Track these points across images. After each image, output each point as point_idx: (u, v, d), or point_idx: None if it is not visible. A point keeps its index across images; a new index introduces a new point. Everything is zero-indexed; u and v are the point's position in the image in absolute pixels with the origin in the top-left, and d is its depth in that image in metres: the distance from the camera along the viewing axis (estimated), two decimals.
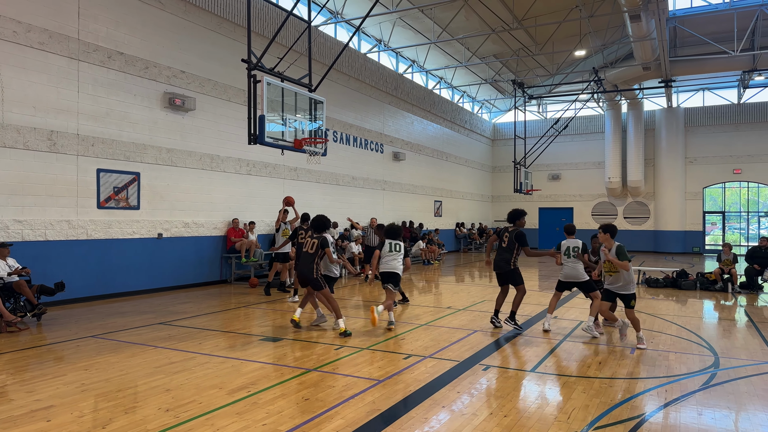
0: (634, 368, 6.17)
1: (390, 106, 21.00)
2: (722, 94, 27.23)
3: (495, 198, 31.72)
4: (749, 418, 4.69)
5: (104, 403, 4.85)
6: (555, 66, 24.97)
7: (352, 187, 18.64)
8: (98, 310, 9.68)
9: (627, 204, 28.37)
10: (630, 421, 4.55)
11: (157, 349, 6.84)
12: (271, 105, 8.81)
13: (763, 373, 6.03)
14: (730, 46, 19.85)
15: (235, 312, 9.68)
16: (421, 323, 8.69)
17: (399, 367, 6.10)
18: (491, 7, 18.79)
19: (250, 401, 4.91)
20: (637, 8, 15.63)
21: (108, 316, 9.03)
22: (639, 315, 9.59)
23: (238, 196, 13.97)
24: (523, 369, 6.15)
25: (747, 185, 26.63)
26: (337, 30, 18.95)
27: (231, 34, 13.65)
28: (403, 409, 4.77)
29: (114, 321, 8.66)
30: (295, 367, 6.01)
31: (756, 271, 12.89)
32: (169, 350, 6.76)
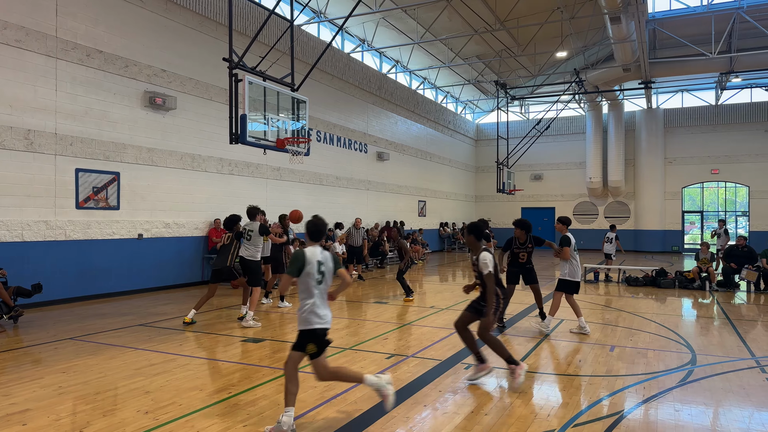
0: (613, 366, 6.25)
1: (374, 106, 21.01)
2: (700, 95, 27.71)
3: (478, 198, 31.90)
4: (725, 413, 4.78)
5: (82, 406, 4.78)
6: (537, 67, 25.19)
7: (336, 187, 18.60)
8: (77, 311, 9.53)
9: (608, 204, 28.72)
10: (609, 418, 4.61)
11: (137, 350, 6.76)
12: (253, 104, 8.76)
13: (738, 369, 6.14)
14: (708, 48, 20.20)
15: (217, 313, 9.60)
16: (404, 323, 8.70)
17: (382, 366, 6.10)
18: (474, 8, 18.88)
19: (231, 402, 4.88)
20: (617, 10, 15.84)
21: (87, 318, 8.90)
22: (620, 313, 9.73)
23: (220, 196, 13.86)
24: (504, 367, 6.18)
25: (724, 185, 27.13)
26: (320, 29, 18.90)
27: (213, 33, 13.54)
28: (385, 408, 4.77)
29: (93, 323, 8.53)
30: (276, 368, 5.98)
31: (733, 269, 13.14)
32: (149, 352, 6.68)
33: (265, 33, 14.22)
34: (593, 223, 29.01)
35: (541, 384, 5.59)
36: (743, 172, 26.10)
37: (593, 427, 4.41)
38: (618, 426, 4.43)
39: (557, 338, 7.69)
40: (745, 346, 7.29)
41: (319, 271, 4.20)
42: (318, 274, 4.19)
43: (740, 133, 26.08)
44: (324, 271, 4.25)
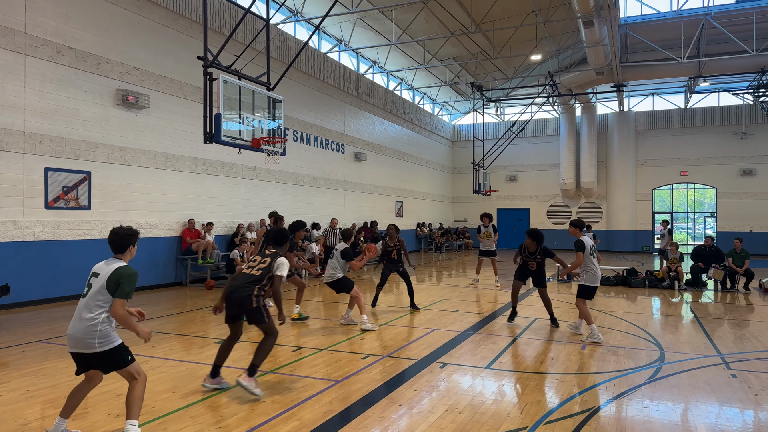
0: (584, 363, 6.37)
1: (351, 106, 21.00)
2: (670, 99, 28.37)
3: (455, 198, 32.12)
4: (691, 409, 4.92)
5: (51, 410, 4.69)
6: (512, 70, 25.48)
7: (313, 187, 18.54)
8: (46, 314, 9.32)
9: (581, 204, 29.20)
10: (579, 415, 4.70)
11: None
12: (229, 103, 8.68)
13: (704, 366, 6.32)
14: (678, 53, 20.70)
15: (191, 315, 9.49)
16: (381, 323, 8.72)
17: (357, 367, 6.11)
18: (450, 10, 19.02)
19: (205, 404, 4.84)
20: (590, 14, 16.13)
21: (56, 320, 8.71)
22: (591, 312, 9.90)
23: (194, 196, 13.70)
24: (478, 366, 6.26)
25: (693, 187, 27.83)
26: (297, 29, 18.82)
27: (187, 31, 13.38)
28: (360, 408, 4.79)
29: (63, 325, 8.35)
30: None
31: (700, 269, 13.49)
32: None
33: (240, 31, 14.11)
34: (566, 224, 29.36)
35: (515, 382, 5.67)
36: (711, 174, 26.81)
37: (564, 424, 4.50)
38: (588, 423, 4.52)
39: (530, 337, 7.80)
40: (711, 343, 7.49)
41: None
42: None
43: (708, 136, 26.79)
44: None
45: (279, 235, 5.74)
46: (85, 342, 3.84)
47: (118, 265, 3.89)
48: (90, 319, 3.85)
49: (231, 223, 14.84)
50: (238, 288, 5.16)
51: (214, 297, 11.43)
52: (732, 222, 26.25)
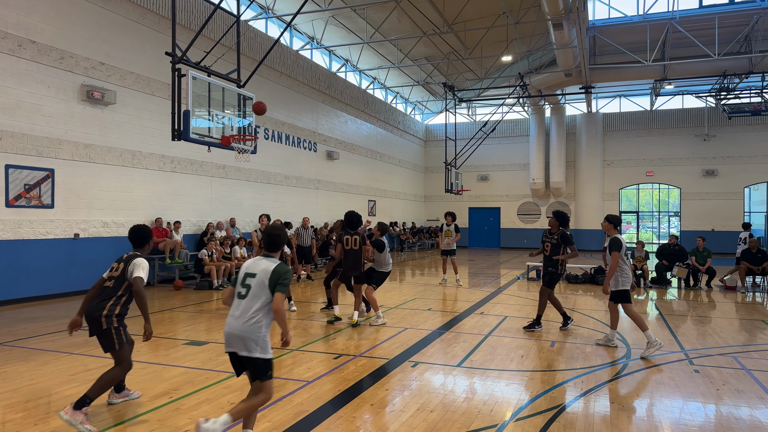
0: (553, 361, 6.47)
1: (323, 104, 20.88)
2: (637, 101, 29.05)
3: (428, 198, 32.27)
4: (656, 404, 5.04)
5: (11, 414, 4.53)
6: (483, 70, 25.72)
7: (285, 186, 18.38)
8: (6, 315, 9.01)
9: (550, 204, 29.67)
10: (548, 411, 4.77)
11: (72, 355, 6.46)
12: (198, 100, 8.53)
13: (669, 362, 6.48)
14: (644, 56, 21.19)
15: (159, 315, 9.30)
16: (352, 322, 8.69)
17: (329, 367, 6.08)
18: (422, 10, 19.09)
19: (173, 407, 4.74)
20: (559, 17, 16.38)
21: (17, 322, 8.43)
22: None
23: (162, 194, 13.43)
24: (450, 364, 6.30)
25: (658, 187, 28.57)
26: (268, 26, 18.63)
27: (155, 26, 13.10)
28: (331, 409, 4.76)
29: (24, 327, 8.09)
30: (221, 371, 5.86)
31: (665, 267, 13.85)
32: (86, 357, 6.40)
33: (210, 28, 13.90)
34: (536, 223, 29.91)
35: (485, 380, 5.71)
36: (675, 174, 27.56)
37: (534, 420, 4.55)
38: (557, 419, 4.59)
39: (501, 335, 7.89)
40: (675, 339, 7.69)
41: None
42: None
43: (673, 138, 27.53)
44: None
45: (136, 234, 4.98)
46: (246, 343, 3.84)
47: (275, 264, 3.91)
48: (252, 319, 3.86)
49: (200, 222, 14.60)
50: (92, 305, 4.60)
51: (183, 297, 11.24)
52: (695, 221, 27.03)
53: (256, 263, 3.95)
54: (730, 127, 26.37)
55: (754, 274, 13.20)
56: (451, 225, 13.53)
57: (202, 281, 12.56)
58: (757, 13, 19.80)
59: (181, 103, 8.29)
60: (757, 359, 6.67)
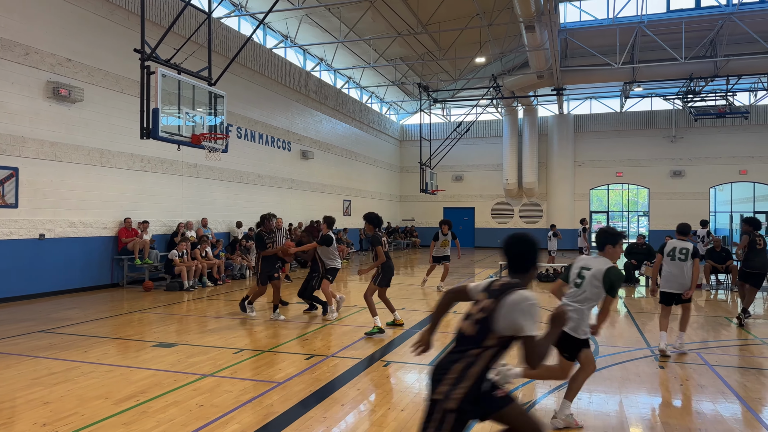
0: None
1: (298, 103, 20.76)
2: (607, 103, 29.61)
3: (403, 197, 32.36)
4: (622, 400, 5.14)
5: None
6: (458, 71, 25.90)
7: (258, 185, 18.21)
8: None
9: (522, 204, 30.05)
10: None
11: (36, 359, 6.29)
12: (168, 98, 8.41)
13: (635, 359, 6.62)
14: (614, 58, 21.62)
15: (128, 317, 9.12)
16: (327, 323, 8.67)
17: (300, 368, 6.05)
18: (397, 10, 19.13)
19: (139, 410, 4.66)
20: (531, 19, 16.59)
21: None
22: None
23: (131, 193, 13.18)
24: (422, 363, 6.32)
25: (628, 187, 29.17)
26: (241, 23, 18.44)
27: (124, 23, 12.85)
28: (302, 409, 4.73)
29: None
30: (190, 373, 5.77)
31: (633, 265, 14.15)
32: (50, 360, 6.24)
33: (181, 24, 13.69)
34: (509, 223, 30.26)
35: None
36: (644, 175, 28.18)
37: None
38: None
39: None
40: (642, 337, 7.86)
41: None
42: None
43: (642, 139, 28.14)
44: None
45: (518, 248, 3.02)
46: (577, 328, 4.35)
47: (610, 265, 4.39)
48: (581, 310, 4.37)
49: (171, 221, 14.37)
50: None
51: (152, 298, 11.05)
52: (663, 221, 27.67)
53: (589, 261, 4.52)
54: (696, 129, 27.07)
55: (717, 272, 13.57)
56: (448, 234, 12.77)
57: (172, 282, 12.36)
58: (722, 19, 20.38)
59: (151, 101, 8.16)
60: (719, 355, 6.86)
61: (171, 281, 12.44)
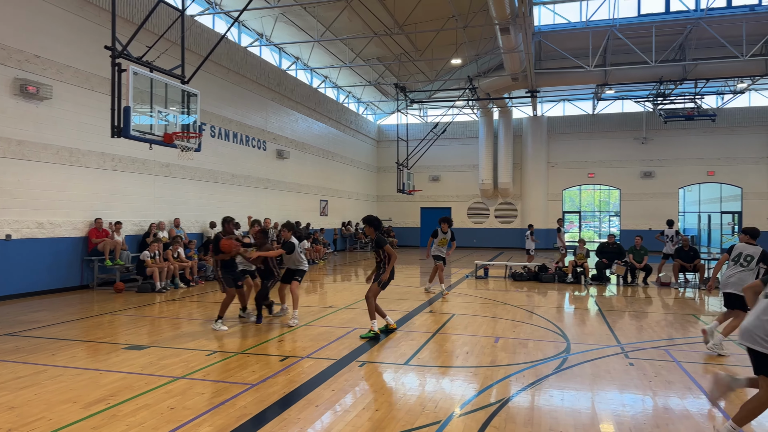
0: (497, 356, 6.62)
1: (273, 102, 20.60)
2: (580, 105, 30.09)
3: (380, 198, 32.37)
4: (592, 396, 5.24)
5: None
6: (434, 72, 26.02)
7: (232, 185, 18.02)
8: None
9: (498, 204, 30.36)
10: (491, 406, 4.88)
11: (1, 362, 6.12)
12: (140, 96, 8.25)
13: (606, 356, 6.75)
14: (586, 61, 21.98)
15: (98, 319, 8.94)
16: (301, 324, 8.62)
17: (274, 369, 6.00)
18: (373, 10, 19.14)
19: (109, 414, 4.57)
20: (506, 21, 16.78)
21: None
22: (505, 306, 10.30)
23: (102, 193, 12.91)
24: (397, 363, 6.34)
25: (599, 188, 29.69)
26: (216, 21, 18.22)
27: (95, 19, 12.58)
28: (276, 411, 4.70)
29: None
30: (161, 375, 5.69)
31: (604, 264, 14.41)
32: (16, 363, 6.08)
33: (154, 22, 13.48)
34: (485, 223, 30.53)
35: (431, 377, 5.79)
36: (615, 176, 28.72)
37: (476, 416, 4.65)
38: (499, 414, 4.70)
39: (448, 332, 8.00)
40: (612, 334, 8.02)
41: None
42: None
43: (613, 141, 28.68)
44: None
45: None
46: (753, 336, 3.84)
47: None
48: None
49: (142, 222, 14.13)
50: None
51: (124, 300, 10.84)
52: (633, 221, 28.24)
53: None
54: (666, 131, 27.70)
55: (686, 270, 13.90)
56: (448, 232, 12.01)
57: (144, 283, 12.15)
58: (690, 23, 20.89)
59: (122, 99, 8.00)
60: (686, 352, 7.03)
61: (143, 282, 12.22)
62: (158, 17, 13.72)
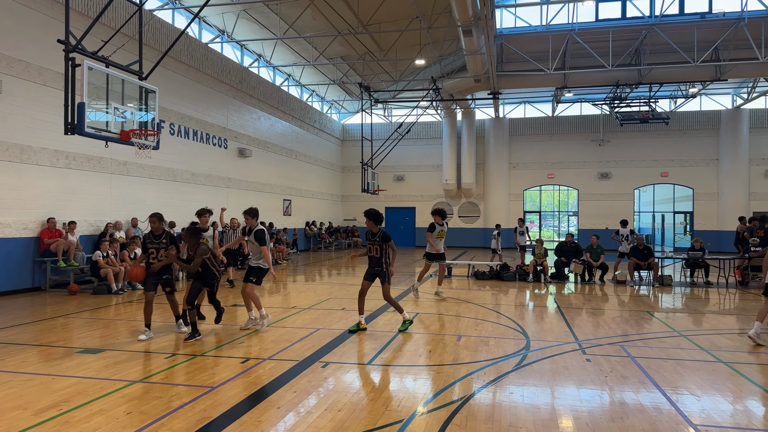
0: (459, 354, 6.70)
1: (235, 100, 20.29)
2: (540, 107, 30.72)
3: (344, 197, 32.29)
4: (550, 392, 5.36)
5: None
6: (398, 73, 26.12)
7: (192, 183, 17.66)
8: None
9: (461, 204, 30.72)
10: (453, 404, 4.93)
11: None
12: (96, 92, 8.01)
13: (564, 352, 6.92)
14: (546, 64, 22.45)
15: (51, 323, 8.62)
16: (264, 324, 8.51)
17: (235, 371, 5.92)
18: (337, 9, 19.07)
19: (62, 420, 4.42)
20: (469, 24, 16.98)
21: None
22: (467, 305, 10.42)
23: (55, 192, 12.47)
24: (360, 363, 6.34)
25: (559, 188, 30.40)
26: (175, 17, 17.82)
27: (48, 12, 12.13)
28: (236, 414, 4.64)
29: None
30: (117, 379, 5.53)
31: (563, 263, 14.76)
32: None
33: (110, 15, 13.10)
34: (449, 222, 30.82)
35: (394, 376, 5.81)
36: (574, 176, 29.46)
37: (438, 414, 4.69)
38: (460, 411, 4.76)
39: (411, 331, 8.04)
40: (570, 331, 8.22)
41: None
42: None
43: (572, 143, 29.41)
44: None
45: None
46: None
47: None
48: None
49: (98, 222, 13.70)
50: None
51: (78, 303, 10.49)
52: (591, 220, 29.03)
53: None
54: (622, 133, 28.57)
55: (640, 268, 14.37)
56: (444, 224, 11.53)
57: (99, 285, 11.79)
58: (645, 29, 21.59)
59: (76, 95, 7.76)
60: (640, 347, 7.27)
61: (98, 284, 11.86)
62: (115, 11, 13.34)
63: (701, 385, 5.57)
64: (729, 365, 6.36)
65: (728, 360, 6.59)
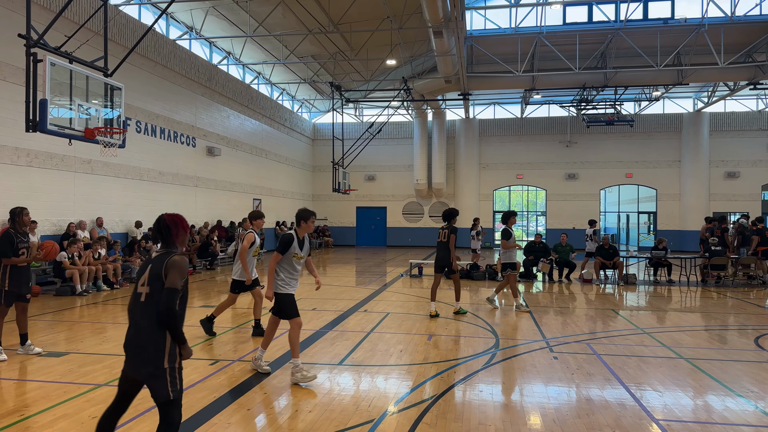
0: (429, 353, 6.75)
1: (203, 97, 19.98)
2: (509, 108, 31.14)
3: (315, 197, 32.12)
4: (518, 389, 5.45)
5: None
6: (369, 72, 26.12)
7: (159, 182, 17.32)
8: None
9: (432, 204, 30.92)
10: (423, 403, 4.98)
11: None
12: (59, 88, 7.80)
13: (532, 350, 7.04)
14: (515, 66, 22.78)
15: (11, 325, 8.31)
16: (233, 326, 8.43)
17: (204, 374, 5.84)
18: (308, 8, 18.96)
19: (23, 426, 4.29)
20: (439, 25, 17.10)
21: None
22: (438, 304, 10.50)
23: (15, 191, 12.06)
24: (332, 363, 6.34)
25: (527, 188, 30.88)
26: (142, 12, 17.44)
27: (7, 4, 11.73)
28: (205, 416, 4.58)
29: None
30: (82, 383, 5.40)
31: (531, 261, 15.01)
32: None
33: (74, 10, 12.75)
34: (420, 222, 31.01)
35: (365, 376, 5.83)
36: (542, 177, 29.97)
37: (409, 413, 4.73)
38: (431, 410, 4.80)
39: (382, 331, 8.07)
40: (538, 329, 8.37)
41: None
42: None
43: (540, 144, 29.90)
44: None
45: None
46: None
47: None
48: None
49: (60, 221, 13.32)
50: None
51: (41, 304, 10.18)
52: (559, 220, 29.57)
53: None
54: (588, 134, 29.19)
55: (606, 267, 14.72)
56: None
57: (63, 286, 11.47)
58: (611, 33, 22.10)
59: (38, 91, 7.53)
60: (605, 344, 7.46)
61: (61, 285, 11.53)
62: (79, 5, 12.98)
63: (663, 381, 5.74)
64: (690, 361, 6.57)
65: (689, 356, 6.81)
